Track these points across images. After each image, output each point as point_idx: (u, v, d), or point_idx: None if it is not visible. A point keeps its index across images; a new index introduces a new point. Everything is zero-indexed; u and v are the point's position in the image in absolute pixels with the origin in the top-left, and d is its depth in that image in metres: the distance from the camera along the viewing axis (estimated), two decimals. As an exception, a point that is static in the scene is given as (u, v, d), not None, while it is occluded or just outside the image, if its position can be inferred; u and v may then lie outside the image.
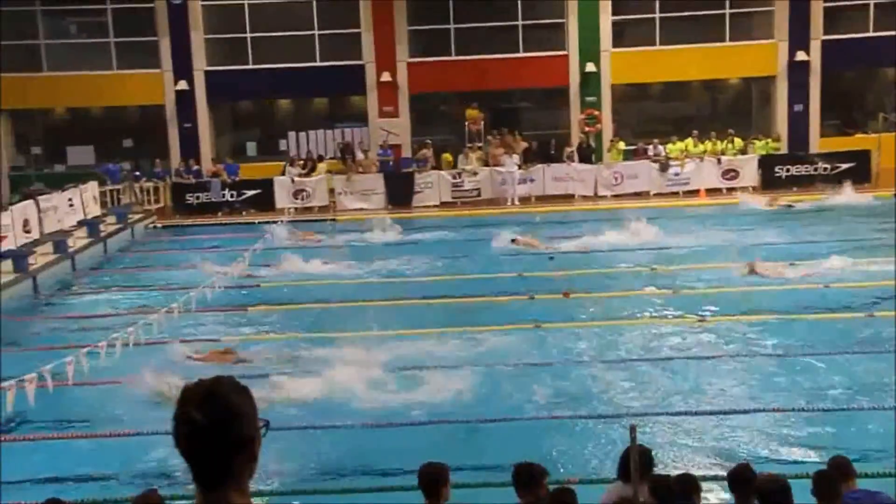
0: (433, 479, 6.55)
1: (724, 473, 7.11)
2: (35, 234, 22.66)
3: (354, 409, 11.77)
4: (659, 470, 7.69)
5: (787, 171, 29.49)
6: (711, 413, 11.24)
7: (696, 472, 7.76)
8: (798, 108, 31.91)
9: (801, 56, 31.45)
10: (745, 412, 11.13)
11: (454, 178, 29.27)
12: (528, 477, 6.57)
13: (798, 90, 31.81)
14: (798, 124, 31.80)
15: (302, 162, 29.95)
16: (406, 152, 31.32)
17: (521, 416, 11.30)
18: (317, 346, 14.50)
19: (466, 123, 31.22)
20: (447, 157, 30.17)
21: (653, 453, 7.19)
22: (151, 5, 31.30)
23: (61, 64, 31.66)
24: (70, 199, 25.42)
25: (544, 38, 32.09)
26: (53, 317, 18.10)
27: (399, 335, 14.89)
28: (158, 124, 31.85)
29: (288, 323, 16.52)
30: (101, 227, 25.59)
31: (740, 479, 6.44)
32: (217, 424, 2.39)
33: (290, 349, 14.56)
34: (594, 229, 23.35)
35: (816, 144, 31.58)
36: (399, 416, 11.37)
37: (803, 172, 29.32)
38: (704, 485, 7.00)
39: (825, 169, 29.18)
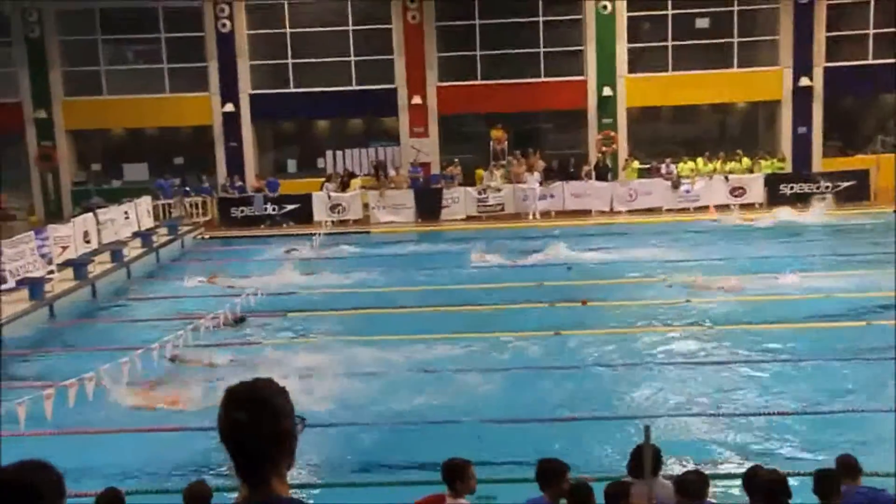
0: (457, 471, 6.60)
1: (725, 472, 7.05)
2: (94, 245, 22.89)
3: (385, 406, 11.82)
4: (671, 468, 7.67)
5: (791, 188, 29.32)
6: (719, 415, 11.19)
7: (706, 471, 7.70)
8: (802, 130, 31.74)
9: (804, 82, 31.30)
10: (754, 415, 11.08)
11: (479, 193, 29.31)
12: (551, 473, 6.55)
13: (802, 113, 31.65)
14: (802, 145, 31.62)
15: (339, 178, 30.07)
16: (435, 169, 31.42)
17: (541, 418, 11.28)
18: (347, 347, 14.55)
19: (491, 143, 31.27)
20: (479, 173, 30.23)
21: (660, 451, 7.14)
22: (201, 34, 31.62)
23: (119, 88, 32.01)
24: (126, 213, 25.68)
25: (564, 64, 32.09)
26: (110, 321, 18.28)
27: (427, 339, 14.93)
28: (207, 143, 32.13)
29: (329, 327, 16.55)
30: (154, 238, 25.82)
31: (753, 479, 6.31)
32: (258, 422, 2.43)
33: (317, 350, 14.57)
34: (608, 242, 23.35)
35: (819, 164, 31.40)
36: (425, 414, 11.40)
37: (806, 190, 29.14)
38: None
39: (827, 187, 29.00)
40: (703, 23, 31.95)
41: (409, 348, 14.33)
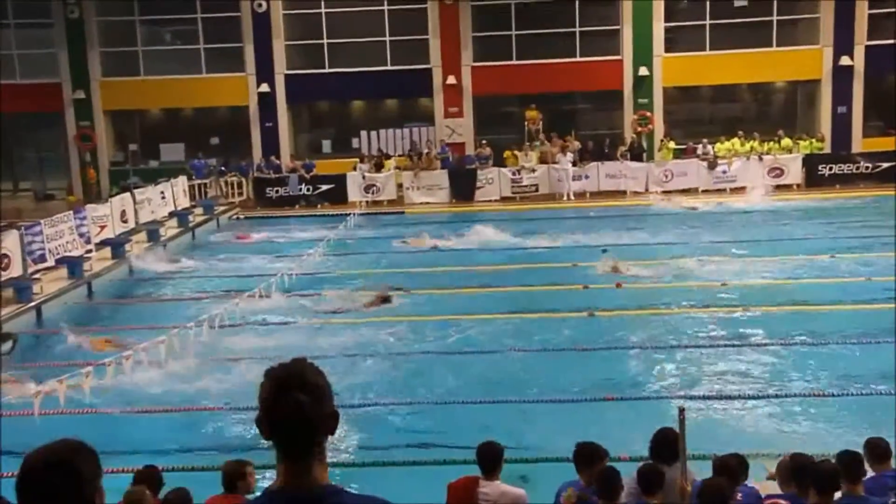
0: (495, 456, 6.60)
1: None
2: (131, 224, 23.12)
3: (419, 386, 11.86)
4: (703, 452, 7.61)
5: (830, 169, 28.91)
6: (753, 398, 11.10)
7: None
8: (842, 109, 31.21)
9: (845, 60, 30.75)
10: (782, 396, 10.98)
11: (514, 174, 29.18)
12: (588, 456, 6.52)
13: (842, 93, 31.12)
14: (841, 125, 31.10)
15: (372, 159, 30.07)
16: (469, 150, 31.30)
17: (574, 398, 11.25)
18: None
19: (526, 123, 31.09)
20: (508, 154, 30.01)
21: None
22: (237, 14, 31.68)
23: (157, 69, 32.19)
24: (162, 192, 25.90)
25: (600, 43, 31.77)
26: (147, 300, 18.46)
27: (470, 319, 14.96)
28: (242, 124, 32.24)
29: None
30: (190, 217, 26.03)
31: (799, 467, 6.18)
32: (319, 403, 2.43)
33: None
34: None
35: (859, 144, 30.87)
36: (460, 394, 11.42)
37: (846, 171, 28.71)
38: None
39: (867, 168, 28.56)
40: (741, 1, 31.45)
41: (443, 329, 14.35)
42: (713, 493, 5.66)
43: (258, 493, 3.00)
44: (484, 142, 30.57)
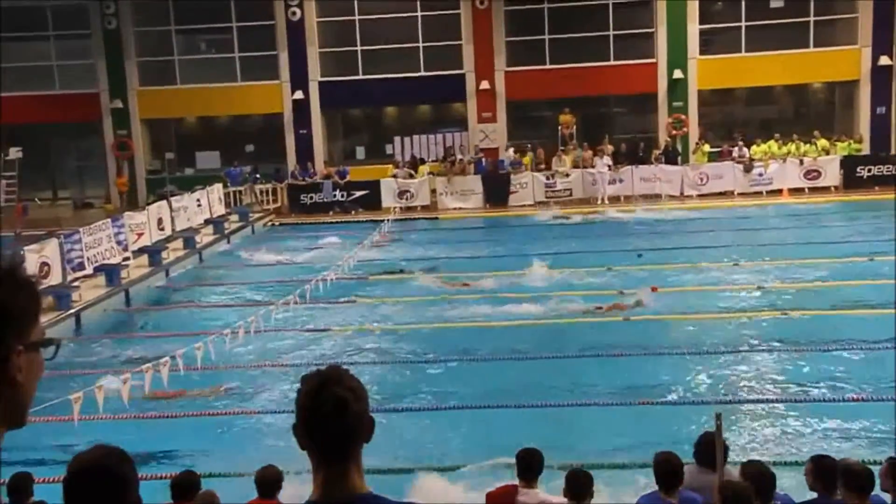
0: (535, 462, 6.57)
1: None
2: (168, 232, 23.33)
3: (437, 391, 11.89)
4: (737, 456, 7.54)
5: (869, 171, 28.54)
6: (789, 401, 10.99)
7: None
8: (881, 110, 30.79)
9: (884, 60, 30.34)
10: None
11: (547, 178, 29.11)
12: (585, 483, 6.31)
13: (880, 93, 30.70)
14: (880, 126, 30.68)
15: (405, 165, 30.12)
16: (503, 155, 31.24)
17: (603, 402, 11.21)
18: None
19: (560, 127, 31.02)
20: (526, 160, 29.80)
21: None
22: (272, 23, 31.94)
23: (192, 77, 32.53)
24: (198, 200, 26.09)
25: (634, 46, 31.61)
26: (184, 306, 18.64)
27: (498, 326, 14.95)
28: (277, 131, 32.47)
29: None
30: (226, 224, 26.24)
31: (824, 469, 6.04)
32: (357, 401, 2.39)
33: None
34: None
35: (898, 146, 30.45)
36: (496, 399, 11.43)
37: (885, 172, 28.33)
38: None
39: (906, 169, 28.16)
40: (777, 2, 31.16)
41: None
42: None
43: None
44: (509, 145, 30.56)
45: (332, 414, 2.36)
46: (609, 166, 28.63)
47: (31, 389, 1.96)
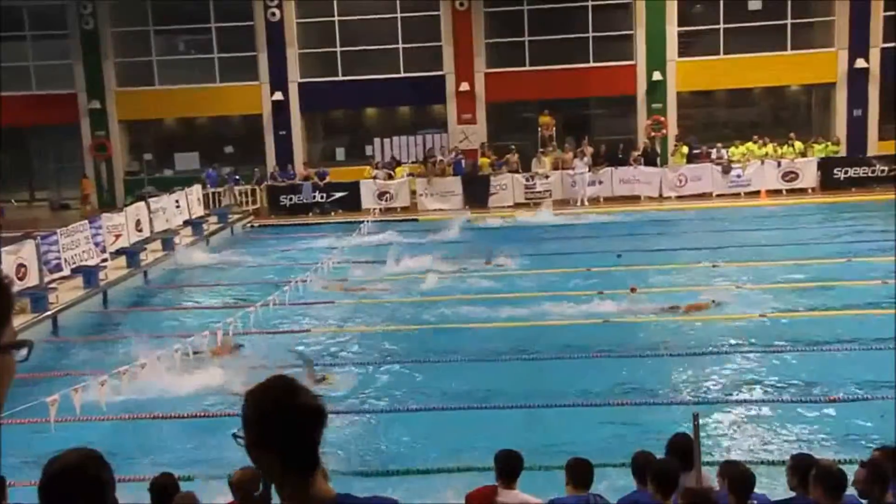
0: (514, 464, 6.56)
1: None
2: (146, 233, 23.20)
3: (420, 392, 11.88)
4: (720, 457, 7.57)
5: (846, 172, 28.79)
6: (768, 402, 11.05)
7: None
8: (857, 112, 31.07)
9: (860, 63, 30.63)
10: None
11: (527, 180, 29.17)
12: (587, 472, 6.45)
13: (857, 96, 30.98)
14: (857, 128, 30.96)
15: (382, 166, 30.10)
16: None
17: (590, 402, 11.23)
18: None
19: (539, 129, 31.10)
20: (483, 161, 29.88)
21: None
22: (251, 23, 31.83)
23: (171, 78, 32.37)
24: (177, 201, 25.96)
25: (613, 49, 31.74)
26: (161, 308, 18.53)
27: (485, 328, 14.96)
28: (256, 132, 32.38)
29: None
30: (205, 226, 26.13)
31: (807, 468, 6.08)
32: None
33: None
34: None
35: (875, 147, 30.71)
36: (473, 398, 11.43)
37: (862, 174, 28.58)
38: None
39: (882, 171, 28.43)
40: (755, 4, 31.38)
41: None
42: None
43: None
44: (481, 143, 30.68)
45: (309, 422, 2.31)
46: (588, 168, 28.73)
47: (3, 392, 1.94)
